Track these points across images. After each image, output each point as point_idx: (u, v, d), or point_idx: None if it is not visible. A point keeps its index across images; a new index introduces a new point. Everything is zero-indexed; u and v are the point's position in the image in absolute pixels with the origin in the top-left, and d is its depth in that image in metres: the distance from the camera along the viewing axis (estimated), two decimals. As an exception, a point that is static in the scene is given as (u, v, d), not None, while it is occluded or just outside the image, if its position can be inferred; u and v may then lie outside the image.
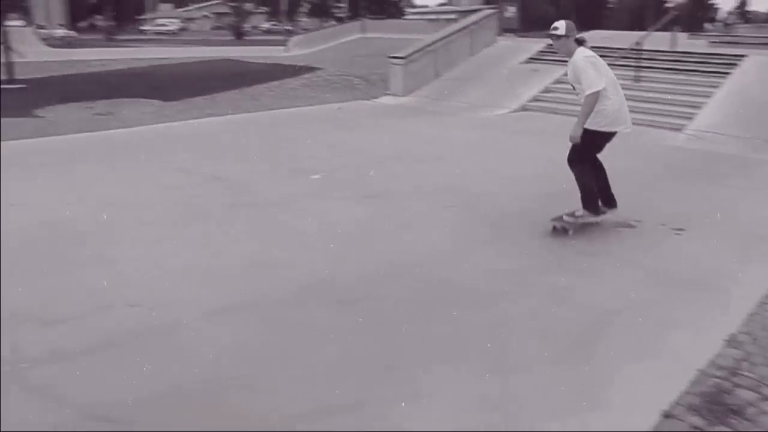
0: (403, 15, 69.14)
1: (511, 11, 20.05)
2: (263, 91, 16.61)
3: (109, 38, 48.07)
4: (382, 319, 4.15)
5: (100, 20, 60.70)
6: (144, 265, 4.96)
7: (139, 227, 5.84)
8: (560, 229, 5.69)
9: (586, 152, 5.58)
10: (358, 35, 30.06)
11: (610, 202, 5.86)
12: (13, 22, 26.70)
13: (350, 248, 5.41)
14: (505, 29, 18.89)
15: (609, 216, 5.86)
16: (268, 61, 24.36)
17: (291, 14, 75.06)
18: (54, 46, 30.99)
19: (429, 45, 16.28)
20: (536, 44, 16.23)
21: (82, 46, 35.40)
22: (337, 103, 14.69)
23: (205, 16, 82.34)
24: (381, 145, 9.74)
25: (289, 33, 46.73)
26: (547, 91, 13.98)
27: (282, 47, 32.62)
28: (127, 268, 4.88)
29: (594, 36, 18.60)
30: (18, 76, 17.41)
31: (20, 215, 6.09)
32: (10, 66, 17.51)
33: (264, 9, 79.11)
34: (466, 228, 5.85)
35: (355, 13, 53.59)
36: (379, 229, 5.92)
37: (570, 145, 5.55)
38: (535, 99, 13.71)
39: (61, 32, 45.88)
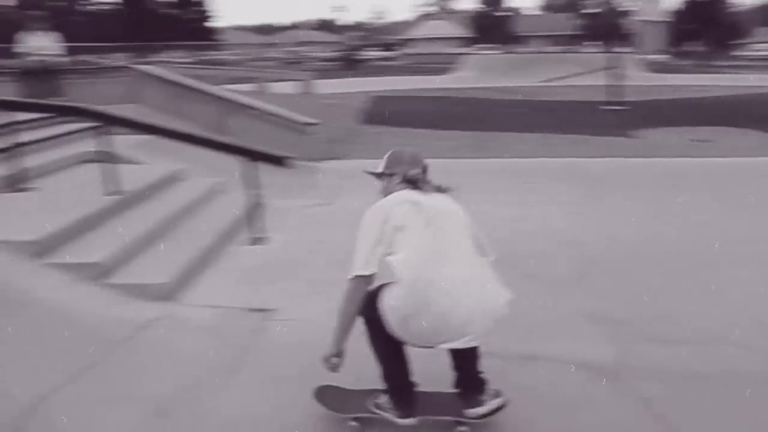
0: None
1: None
2: None
3: (700, 63, 47.30)
4: None
5: (694, 46, 60.40)
6: (753, 303, 4.64)
7: (743, 263, 5.50)
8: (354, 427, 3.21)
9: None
10: None
11: (473, 387, 3.15)
12: (623, 49, 28.95)
13: None
14: None
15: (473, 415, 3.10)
16: None
17: None
18: (652, 71, 32.18)
19: None
20: None
21: (676, 71, 35.80)
22: None
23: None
24: None
25: None
26: None
27: None
28: (733, 305, 4.66)
29: None
30: (622, 98, 18.64)
31: (626, 230, 6.49)
32: (619, 89, 18.89)
33: None
34: None
35: None
36: None
37: None
38: None
39: (658, 57, 47.43)
